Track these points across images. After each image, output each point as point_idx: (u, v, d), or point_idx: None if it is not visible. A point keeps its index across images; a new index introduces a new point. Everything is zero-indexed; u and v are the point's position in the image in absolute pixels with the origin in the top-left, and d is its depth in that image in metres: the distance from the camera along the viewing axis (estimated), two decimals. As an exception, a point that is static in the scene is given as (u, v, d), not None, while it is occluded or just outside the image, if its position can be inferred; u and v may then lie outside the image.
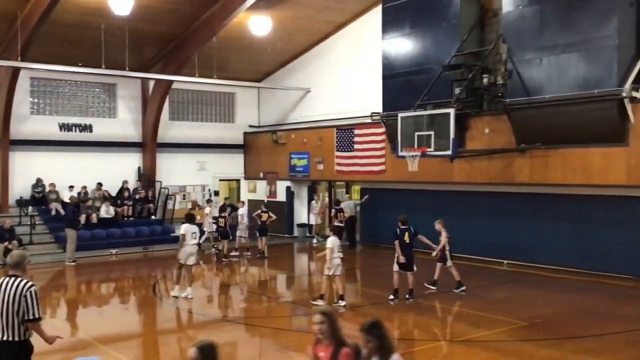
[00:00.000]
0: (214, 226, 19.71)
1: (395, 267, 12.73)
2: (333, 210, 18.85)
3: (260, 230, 19.10)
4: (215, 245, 19.71)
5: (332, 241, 12.27)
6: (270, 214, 19.29)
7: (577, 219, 15.71)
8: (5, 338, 5.96)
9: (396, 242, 12.74)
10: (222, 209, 20.04)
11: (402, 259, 12.63)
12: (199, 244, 14.91)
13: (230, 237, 19.00)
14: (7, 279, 6.03)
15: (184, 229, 13.75)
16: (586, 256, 15.46)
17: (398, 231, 12.81)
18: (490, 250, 17.43)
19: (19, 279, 6.01)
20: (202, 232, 20.03)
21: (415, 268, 12.89)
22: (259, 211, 19.39)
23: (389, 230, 19.90)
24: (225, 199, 22.38)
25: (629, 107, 13.19)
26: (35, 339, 6.29)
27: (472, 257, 17.71)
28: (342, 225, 18.40)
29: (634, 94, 13.29)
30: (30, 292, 5.96)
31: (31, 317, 5.97)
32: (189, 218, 14.19)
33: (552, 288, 14.39)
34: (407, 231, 12.78)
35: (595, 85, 13.46)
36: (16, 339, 5.97)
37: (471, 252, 17.86)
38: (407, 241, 12.68)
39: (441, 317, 11.60)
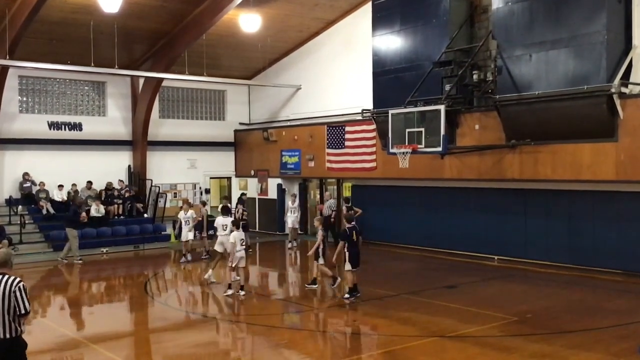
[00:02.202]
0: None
1: (348, 267, 12.67)
2: (345, 208, 18.86)
3: (244, 227, 19.06)
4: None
5: (235, 235, 13.14)
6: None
7: (567, 214, 15.79)
8: (1, 336, 5.99)
9: (343, 242, 12.70)
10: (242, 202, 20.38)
11: (349, 257, 12.62)
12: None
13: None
14: None
15: (216, 222, 15.19)
16: (576, 251, 15.55)
17: (347, 230, 12.74)
18: (481, 246, 17.50)
19: (6, 277, 6.09)
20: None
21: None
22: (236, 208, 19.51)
23: (380, 227, 20.19)
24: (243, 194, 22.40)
25: (617, 102, 13.26)
26: (26, 337, 6.28)
27: (463, 253, 17.81)
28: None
29: (623, 89, 13.40)
30: (19, 287, 6.04)
31: (22, 312, 6.04)
32: (224, 210, 15.37)
33: (542, 283, 14.45)
34: (354, 230, 12.76)
35: (585, 81, 13.53)
36: (7, 336, 6.01)
37: (462, 248, 17.99)
38: (355, 239, 12.70)
39: (431, 313, 11.63)
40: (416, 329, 10.61)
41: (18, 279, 6.08)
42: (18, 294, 6.01)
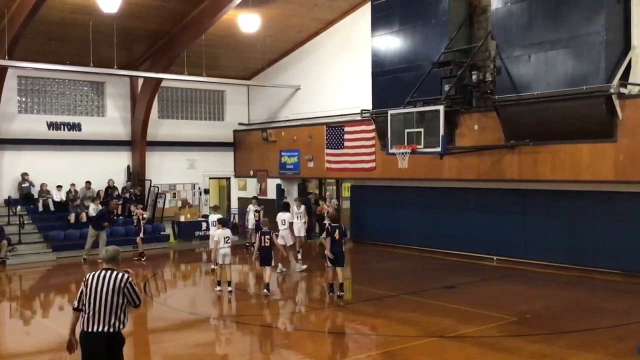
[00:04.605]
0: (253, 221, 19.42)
1: (328, 263, 13.10)
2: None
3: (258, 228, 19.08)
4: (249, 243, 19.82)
5: (219, 233, 13.65)
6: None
7: (566, 215, 15.80)
8: (98, 329, 6.12)
9: (327, 238, 13.01)
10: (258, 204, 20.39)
11: (331, 255, 12.91)
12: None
13: None
14: (104, 272, 6.24)
15: (277, 217, 15.96)
16: (575, 251, 15.55)
17: (329, 228, 13.06)
18: (480, 246, 17.50)
19: (115, 272, 6.24)
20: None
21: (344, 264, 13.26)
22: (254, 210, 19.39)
23: (379, 227, 20.20)
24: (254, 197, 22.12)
25: (617, 103, 13.26)
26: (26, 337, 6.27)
27: (462, 253, 17.81)
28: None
29: (622, 90, 13.39)
30: (130, 282, 6.24)
31: (137, 303, 6.34)
32: (283, 207, 16.40)
33: (541, 283, 14.46)
34: (337, 229, 12.99)
35: (584, 81, 13.53)
36: (106, 330, 6.10)
37: (461, 248, 17.99)
38: (337, 238, 12.97)
39: (431, 313, 11.63)
40: (415, 329, 10.61)
41: (127, 275, 6.26)
42: (130, 289, 6.22)
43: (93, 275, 6.24)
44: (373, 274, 16.25)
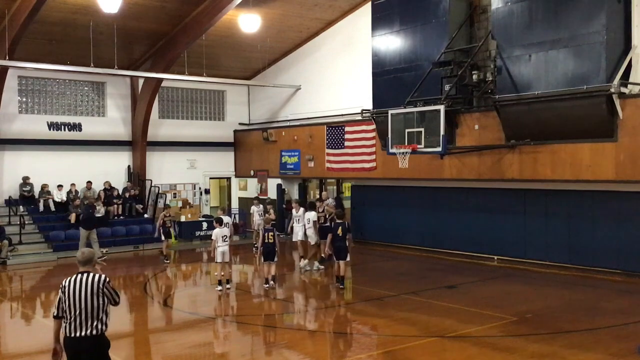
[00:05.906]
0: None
1: (333, 258, 14.32)
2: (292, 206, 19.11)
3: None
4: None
5: (215, 233, 14.00)
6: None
7: (567, 215, 15.79)
8: (82, 334, 6.05)
9: (329, 234, 14.52)
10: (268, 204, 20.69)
11: (332, 250, 14.39)
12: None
13: None
14: (80, 276, 6.18)
15: (305, 216, 16.60)
16: (576, 251, 15.55)
17: (332, 224, 14.27)
18: (481, 246, 17.50)
19: (91, 275, 6.18)
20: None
21: (348, 258, 14.25)
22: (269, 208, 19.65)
23: (380, 227, 20.20)
24: (255, 198, 22.15)
25: (617, 102, 13.25)
26: (27, 337, 6.27)
27: (463, 253, 17.81)
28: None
29: (623, 89, 13.37)
30: (108, 282, 6.19)
31: (117, 301, 6.27)
32: (311, 206, 17.04)
33: (542, 283, 14.47)
34: (340, 225, 14.02)
35: (584, 81, 13.52)
36: (89, 333, 6.06)
37: (461, 248, 17.99)
38: (340, 234, 13.98)
39: (431, 313, 11.63)
40: (416, 329, 10.61)
41: (104, 276, 6.21)
42: (109, 288, 6.16)
43: (69, 281, 6.16)
44: (373, 274, 16.25)
